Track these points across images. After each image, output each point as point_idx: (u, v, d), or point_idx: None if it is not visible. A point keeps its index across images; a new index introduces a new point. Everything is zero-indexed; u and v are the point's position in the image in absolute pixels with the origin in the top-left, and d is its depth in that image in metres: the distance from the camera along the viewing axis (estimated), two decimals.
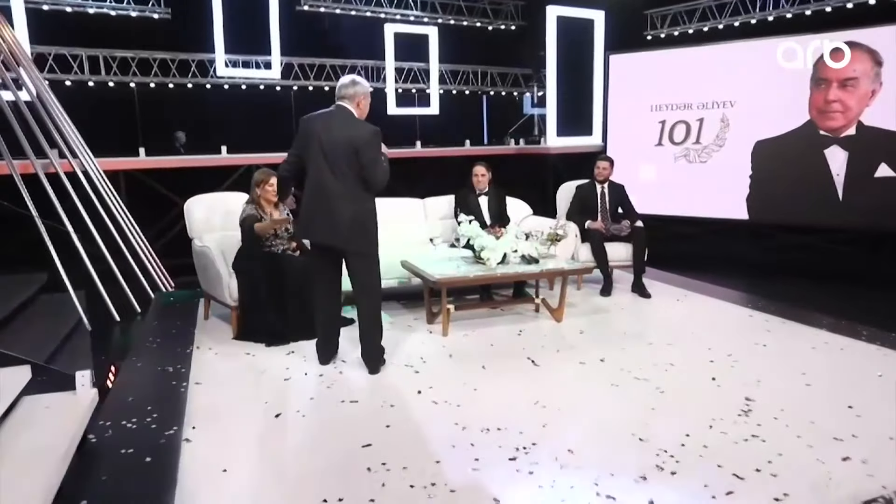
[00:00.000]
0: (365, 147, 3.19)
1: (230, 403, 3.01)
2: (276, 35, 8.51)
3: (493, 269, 4.05)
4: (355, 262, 3.34)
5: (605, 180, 5.47)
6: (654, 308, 4.76)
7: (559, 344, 3.89)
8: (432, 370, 3.46)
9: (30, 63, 6.29)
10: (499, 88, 10.61)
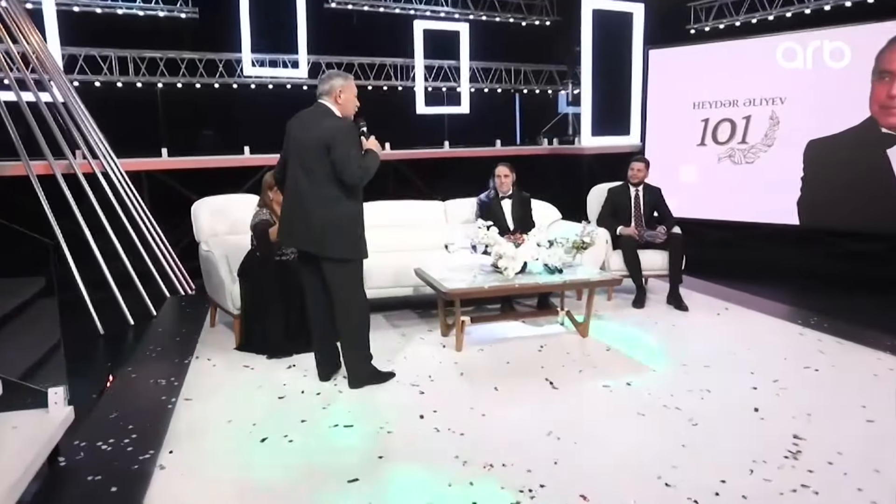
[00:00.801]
0: (334, 142, 2.93)
1: (216, 424, 2.79)
2: (303, 34, 8.37)
3: (511, 279, 3.73)
4: (329, 269, 3.07)
5: (640, 183, 5.07)
6: (691, 323, 4.35)
7: (582, 363, 3.54)
8: (439, 390, 3.16)
9: (55, 66, 6.29)
10: (532, 86, 10.23)
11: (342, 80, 3.08)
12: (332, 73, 3.12)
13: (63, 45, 7.31)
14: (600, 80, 8.31)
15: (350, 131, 3.00)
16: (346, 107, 3.08)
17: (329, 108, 3.05)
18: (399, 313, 4.59)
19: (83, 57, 7.77)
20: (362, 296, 3.16)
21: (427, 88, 9.38)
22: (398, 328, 4.26)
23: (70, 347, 4.14)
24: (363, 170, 2.95)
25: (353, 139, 2.98)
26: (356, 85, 3.20)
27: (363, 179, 2.96)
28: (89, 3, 7.57)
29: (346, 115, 3.10)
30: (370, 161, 3.03)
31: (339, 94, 3.05)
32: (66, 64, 7.60)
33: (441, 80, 9.55)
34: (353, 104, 3.12)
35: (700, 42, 7.89)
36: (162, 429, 2.72)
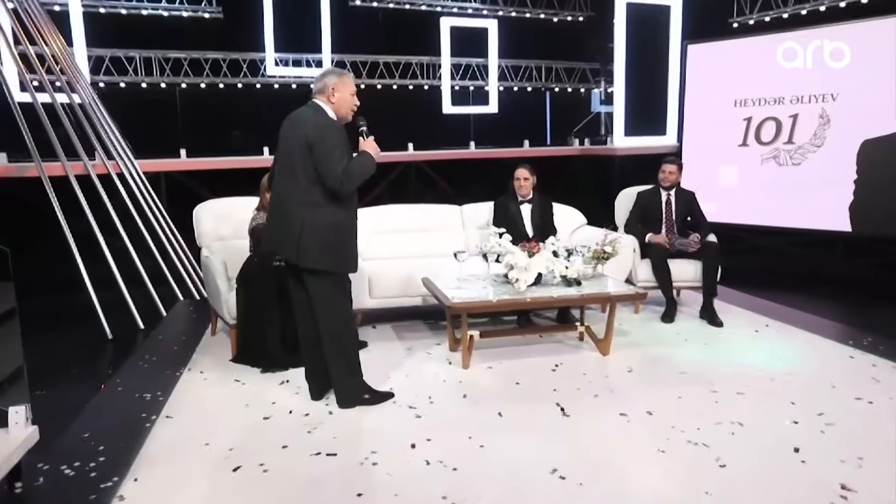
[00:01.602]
0: (316, 142, 2.69)
1: (191, 448, 2.58)
2: (327, 32, 8.23)
3: (523, 292, 3.42)
4: (310, 280, 2.83)
5: (672, 186, 4.69)
6: (726, 341, 3.95)
7: (599, 386, 3.21)
8: (438, 415, 2.89)
9: (74, 68, 6.28)
10: (564, 85, 9.85)
11: (336, 77, 2.84)
12: (327, 70, 2.90)
13: (89, 46, 7.34)
14: (635, 78, 7.91)
15: (336, 131, 2.75)
16: (340, 106, 2.84)
17: (320, 107, 2.82)
18: (408, 324, 4.34)
19: (109, 58, 7.79)
20: (346, 312, 2.91)
21: (454, 87, 9.12)
22: (405, 341, 4.01)
23: (74, 353, 4.09)
24: (347, 174, 2.68)
25: (337, 139, 2.72)
26: (379, 84, 2.94)
27: (345, 184, 2.69)
28: (115, 5, 7.58)
29: (341, 116, 2.87)
30: (359, 164, 2.77)
31: (333, 92, 2.82)
32: (93, 65, 7.65)
33: (469, 79, 9.28)
34: (350, 103, 2.88)
35: (743, 35, 7.40)
36: (133, 452, 2.53)
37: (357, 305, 4.14)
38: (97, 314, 4.39)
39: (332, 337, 2.86)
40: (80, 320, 4.47)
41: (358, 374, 2.99)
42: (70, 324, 4.62)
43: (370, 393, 3.01)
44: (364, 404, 2.96)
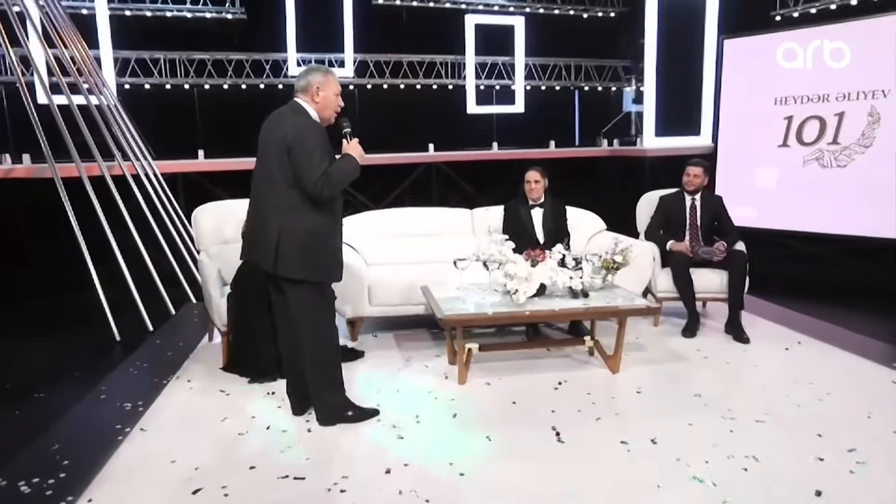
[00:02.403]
0: (295, 143, 2.52)
1: (156, 465, 2.45)
2: (349, 32, 8.13)
3: (522, 305, 3.19)
4: (289, 290, 2.66)
5: (697, 190, 4.36)
6: (751, 359, 3.62)
7: (602, 408, 2.95)
8: (422, 436, 2.69)
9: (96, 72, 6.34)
10: (594, 83, 9.49)
11: (321, 75, 2.67)
12: (311, 68, 2.72)
13: (115, 49, 7.43)
14: (667, 75, 7.54)
15: (316, 132, 2.58)
16: (324, 106, 2.68)
17: (302, 107, 2.66)
18: (411, 333, 4.15)
19: (134, 60, 7.88)
20: (327, 324, 2.72)
21: (479, 87, 8.89)
22: (404, 351, 3.82)
23: (80, 354, 4.06)
24: (327, 178, 2.51)
25: (317, 141, 2.55)
26: (402, 84, 2.77)
27: (325, 189, 2.51)
28: (140, 7, 7.65)
29: (325, 117, 2.71)
30: (341, 168, 2.59)
31: (318, 91, 2.65)
32: (119, 68, 7.74)
33: (495, 78, 9.04)
34: (334, 103, 2.71)
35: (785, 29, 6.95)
36: (96, 468, 2.41)
37: (356, 313, 4.00)
38: (107, 315, 4.37)
39: (313, 350, 2.70)
40: (92, 321, 4.44)
41: (340, 390, 2.81)
42: (82, 324, 4.60)
43: (353, 410, 2.83)
44: (346, 422, 2.78)
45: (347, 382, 3.23)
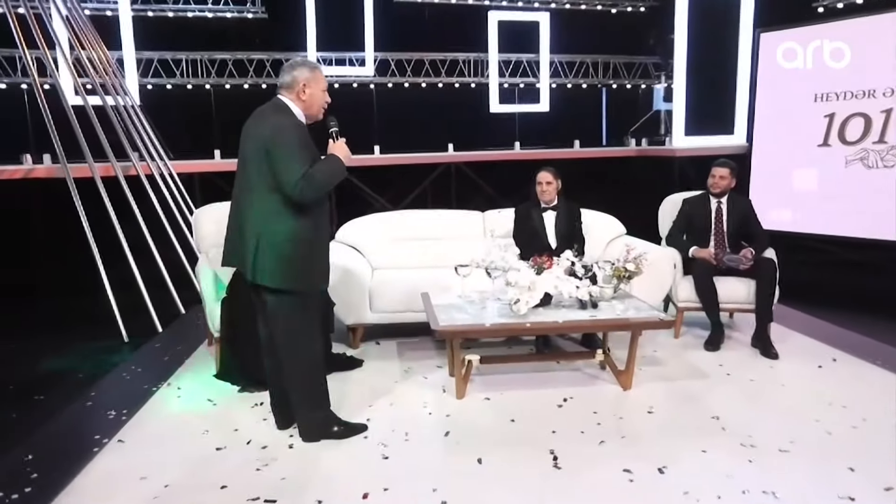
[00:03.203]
0: (274, 144, 2.36)
1: (126, 481, 2.33)
2: (370, 30, 8.02)
3: (523, 316, 2.97)
4: (268, 299, 2.51)
5: (723, 193, 4.06)
6: (779, 377, 3.32)
7: (608, 429, 2.71)
8: (408, 457, 2.51)
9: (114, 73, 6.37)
10: (623, 81, 9.16)
11: (308, 71, 2.50)
12: (297, 63, 2.55)
13: (138, 50, 7.48)
14: (699, 71, 7.19)
15: (298, 130, 2.42)
16: (311, 104, 2.51)
17: (285, 105, 2.49)
18: (415, 342, 3.97)
19: (157, 61, 7.93)
20: (309, 336, 2.55)
21: (503, 85, 8.67)
22: (405, 361, 3.65)
23: (87, 355, 4.02)
24: (308, 180, 2.33)
25: (298, 140, 2.39)
26: (424, 83, 2.60)
27: (305, 192, 2.34)
28: (163, 8, 7.69)
29: (312, 114, 2.54)
30: (325, 169, 2.42)
31: (304, 88, 2.47)
32: (143, 68, 7.80)
33: (519, 76, 8.80)
34: (321, 100, 2.55)
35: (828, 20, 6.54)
36: (64, 482, 2.31)
37: (356, 320, 3.85)
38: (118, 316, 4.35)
39: (293, 363, 2.54)
40: (103, 322, 4.40)
41: (324, 405, 2.65)
42: (93, 325, 4.56)
43: (339, 425, 2.67)
44: (331, 438, 2.62)
45: (340, 393, 3.11)
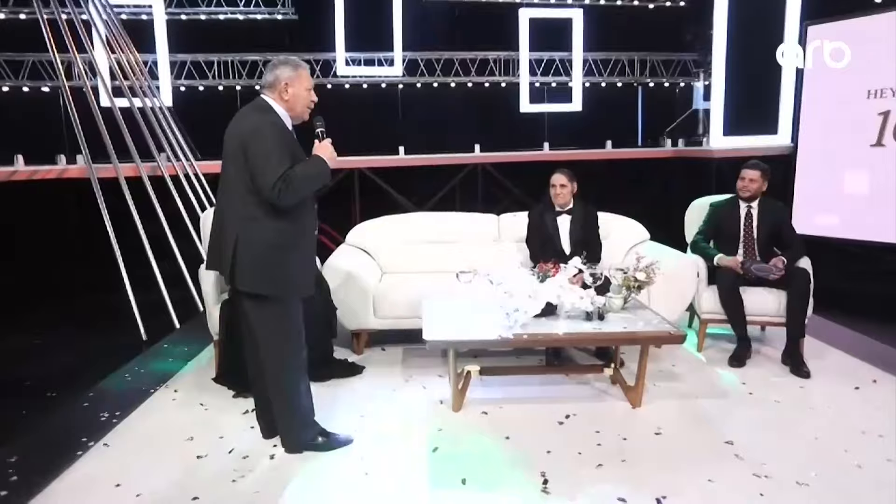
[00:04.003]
0: (250, 144, 2.26)
1: (100, 488, 2.29)
2: (398, 30, 7.95)
3: (521, 327, 2.80)
4: (248, 306, 2.41)
5: (754, 197, 3.78)
6: (809, 398, 3.04)
7: (609, 451, 2.52)
8: (388, 474, 2.38)
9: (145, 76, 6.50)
10: (660, 79, 8.79)
11: (290, 69, 2.40)
12: (279, 61, 2.45)
13: (172, 52, 7.63)
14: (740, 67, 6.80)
15: (277, 130, 2.31)
16: (294, 103, 2.41)
17: (267, 105, 2.39)
18: (423, 349, 3.72)
19: (190, 63, 8.07)
20: (291, 344, 2.43)
21: (535, 84, 8.45)
22: (408, 369, 3.53)
23: (104, 354, 4.05)
24: (286, 181, 2.22)
25: (277, 140, 2.28)
26: (453, 82, 2.48)
27: (284, 195, 2.23)
28: (196, 11, 7.81)
29: (296, 114, 2.44)
30: (306, 170, 2.30)
31: (286, 87, 2.38)
32: (177, 71, 7.95)
33: (552, 75, 8.56)
34: (306, 99, 2.44)
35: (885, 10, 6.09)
36: (41, 486, 2.28)
37: (360, 325, 3.75)
38: (143, 314, 4.39)
39: (274, 371, 2.45)
40: (125, 319, 4.43)
41: (307, 415, 2.55)
42: (115, 322, 4.59)
43: (323, 436, 2.56)
44: (313, 450, 2.52)
45: (334, 400, 3.04)
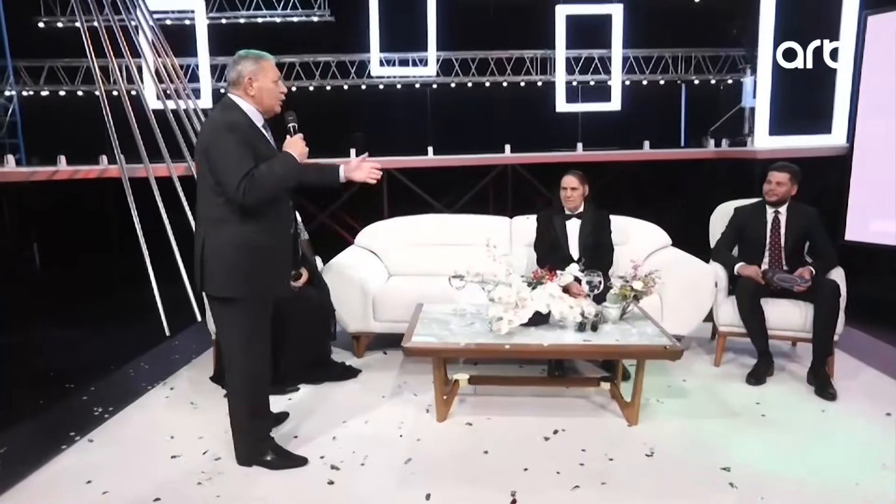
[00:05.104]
0: (211, 143, 2.20)
1: (71, 485, 2.32)
2: (432, 29, 7.89)
3: (503, 337, 2.67)
4: (213, 308, 2.37)
5: (781, 201, 3.49)
6: (829, 423, 2.76)
7: (591, 472, 2.35)
8: (355, 485, 2.31)
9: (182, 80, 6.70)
10: (705, 76, 8.37)
11: (252, 63, 2.28)
12: (241, 56, 2.30)
13: (213, 55, 7.85)
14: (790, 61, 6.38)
15: (241, 128, 2.21)
16: (261, 98, 2.29)
17: (233, 103, 2.27)
18: None
19: None
20: (253, 349, 2.36)
21: (572, 83, 8.21)
22: (403, 374, 3.45)
23: (126, 348, 4.16)
24: (250, 181, 2.15)
25: (237, 139, 2.17)
26: (488, 82, 2.37)
27: (249, 195, 2.14)
28: (237, 15, 8.01)
29: (266, 109, 2.32)
30: (273, 169, 2.20)
31: (250, 82, 2.26)
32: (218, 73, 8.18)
33: (591, 73, 8.30)
34: (274, 92, 2.31)
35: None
36: (18, 479, 2.34)
37: (359, 328, 3.70)
38: (167, 309, 4.47)
39: (233, 376, 2.41)
40: (150, 315, 4.54)
41: (262, 427, 2.46)
42: (142, 317, 4.69)
43: (273, 454, 2.44)
44: (262, 466, 2.42)
45: (320, 405, 3.02)
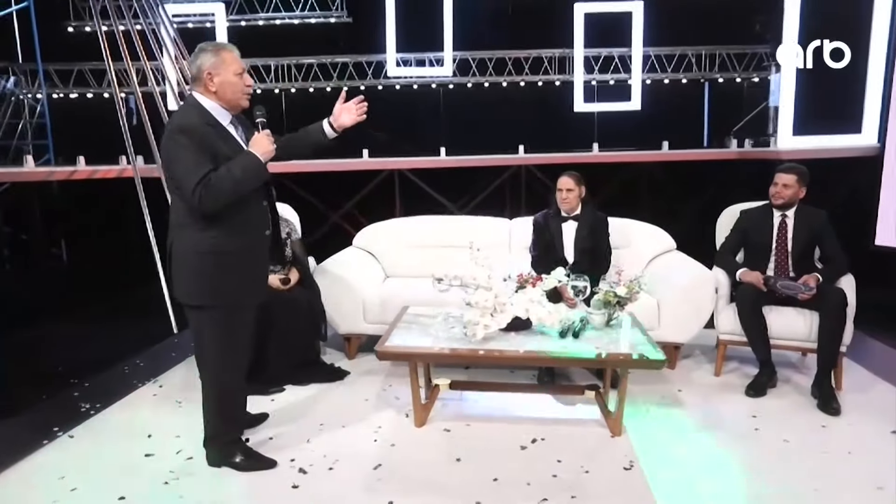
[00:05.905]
0: (164, 149, 2.16)
1: (45, 481, 2.34)
2: (448, 29, 7.85)
3: (478, 342, 2.59)
4: (186, 312, 2.35)
5: (789, 204, 3.32)
6: (829, 440, 2.60)
7: (564, 485, 2.26)
8: (319, 489, 2.28)
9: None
10: (730, 74, 8.09)
11: (211, 56, 2.15)
12: (199, 50, 2.19)
13: None
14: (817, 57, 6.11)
15: (189, 131, 2.09)
16: (223, 92, 2.17)
17: (195, 101, 2.18)
18: None
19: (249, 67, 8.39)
20: (224, 354, 2.33)
21: (591, 82, 8.05)
22: (391, 377, 3.40)
23: (134, 346, 4.22)
24: (206, 186, 2.05)
25: (189, 142, 2.07)
26: (505, 82, 2.27)
27: (206, 200, 2.06)
28: (256, 17, 8.11)
29: (233, 104, 2.21)
30: (231, 173, 2.10)
31: (210, 77, 2.15)
32: None
33: (610, 72, 8.12)
34: (238, 86, 2.19)
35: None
36: None
37: (350, 330, 3.68)
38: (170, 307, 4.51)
39: (206, 380, 2.40)
40: (159, 313, 4.59)
41: (231, 430, 2.45)
42: (151, 315, 4.74)
43: (243, 455, 2.43)
44: (232, 468, 2.40)
45: (305, 405, 3.02)
